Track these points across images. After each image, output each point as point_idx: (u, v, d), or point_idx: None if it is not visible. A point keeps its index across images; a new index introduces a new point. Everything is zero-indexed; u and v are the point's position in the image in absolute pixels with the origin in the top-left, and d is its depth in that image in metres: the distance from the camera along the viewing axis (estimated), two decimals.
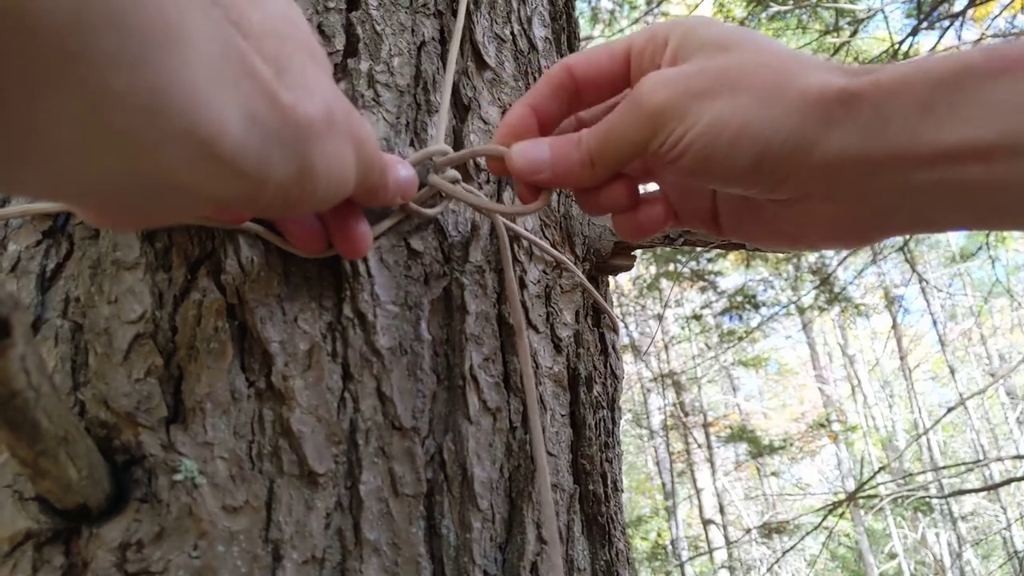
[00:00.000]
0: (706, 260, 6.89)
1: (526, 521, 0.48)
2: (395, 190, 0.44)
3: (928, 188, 0.35)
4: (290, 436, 0.42)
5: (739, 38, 0.39)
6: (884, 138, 0.34)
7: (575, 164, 0.42)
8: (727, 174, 0.38)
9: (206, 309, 0.44)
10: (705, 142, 0.37)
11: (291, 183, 0.33)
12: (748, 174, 0.37)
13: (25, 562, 0.37)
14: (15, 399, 0.30)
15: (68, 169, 0.26)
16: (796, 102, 0.35)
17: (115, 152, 0.26)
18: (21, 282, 0.44)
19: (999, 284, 5.38)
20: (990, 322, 13.72)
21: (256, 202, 0.33)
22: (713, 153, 0.37)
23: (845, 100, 0.35)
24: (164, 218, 0.36)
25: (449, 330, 0.50)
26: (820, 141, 0.35)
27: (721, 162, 0.37)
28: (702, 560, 10.23)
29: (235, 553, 0.39)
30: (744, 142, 0.36)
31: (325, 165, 0.34)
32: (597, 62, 0.43)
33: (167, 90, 0.25)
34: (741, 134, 0.36)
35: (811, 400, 15.16)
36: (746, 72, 0.37)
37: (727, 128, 0.36)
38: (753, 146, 0.36)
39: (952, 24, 3.83)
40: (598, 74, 0.43)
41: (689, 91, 0.37)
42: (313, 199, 0.35)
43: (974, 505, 12.04)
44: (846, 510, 6.38)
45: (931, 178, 0.34)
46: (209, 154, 0.28)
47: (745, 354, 10.94)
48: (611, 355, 0.64)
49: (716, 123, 0.36)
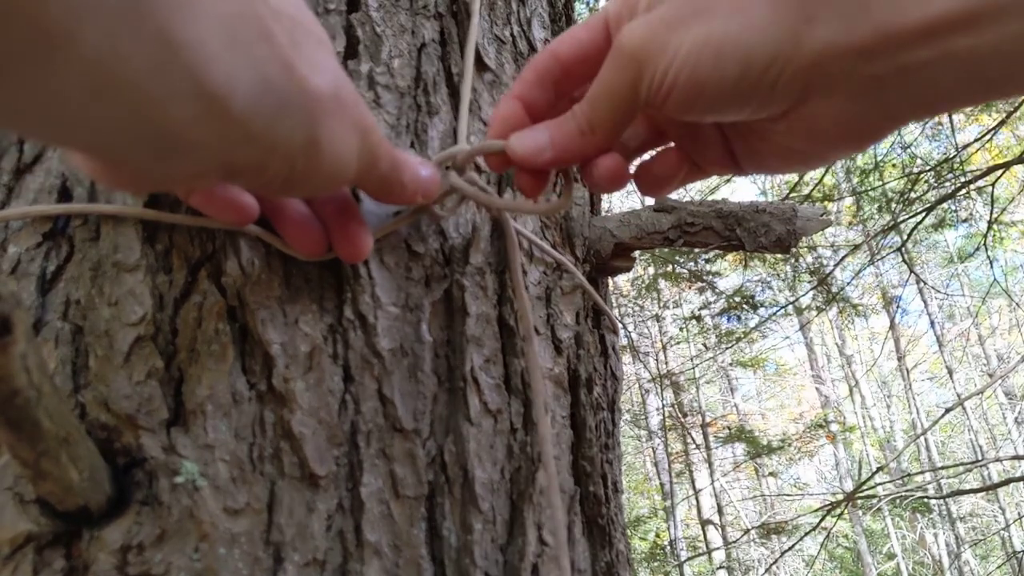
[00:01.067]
0: (704, 260, 6.89)
1: (527, 523, 0.48)
2: (413, 188, 0.44)
3: (920, 66, 0.34)
4: (291, 438, 0.42)
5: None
6: (868, 21, 0.33)
7: (574, 134, 0.42)
8: (719, 96, 0.37)
9: (207, 311, 0.44)
10: (690, 69, 0.36)
11: (298, 154, 0.33)
12: (740, 90, 0.37)
13: (26, 564, 0.37)
14: (16, 398, 0.30)
15: (79, 119, 0.27)
16: (769, 3, 0.35)
17: (124, 106, 0.26)
18: (21, 284, 0.44)
19: (997, 284, 5.39)
20: (988, 322, 13.74)
21: (263, 171, 0.33)
22: (700, 77, 0.36)
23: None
24: (174, 180, 0.36)
25: (450, 332, 0.50)
26: (803, 37, 0.34)
27: (711, 85, 0.36)
28: (700, 560, 10.24)
29: (236, 555, 0.39)
30: (727, 56, 0.36)
31: (330, 142, 0.35)
32: (578, 39, 0.43)
33: (175, 46, 0.26)
34: (722, 50, 0.36)
35: (809, 400, 15.18)
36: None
37: (707, 48, 0.36)
38: (736, 57, 0.35)
39: None
40: (580, 50, 0.43)
41: (664, 24, 0.37)
42: (316, 177, 0.36)
43: (972, 506, 12.05)
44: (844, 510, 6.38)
45: (921, 56, 0.34)
46: (218, 112, 0.28)
47: (743, 355, 10.94)
48: (611, 356, 0.64)
49: (695, 46, 0.36)
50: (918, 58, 0.34)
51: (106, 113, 0.27)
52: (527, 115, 0.45)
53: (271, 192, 0.40)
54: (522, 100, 0.44)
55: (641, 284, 7.56)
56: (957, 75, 0.34)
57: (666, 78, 0.37)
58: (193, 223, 0.44)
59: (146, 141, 0.29)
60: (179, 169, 0.32)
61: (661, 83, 0.37)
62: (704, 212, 0.82)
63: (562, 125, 0.42)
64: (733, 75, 0.36)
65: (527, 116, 0.45)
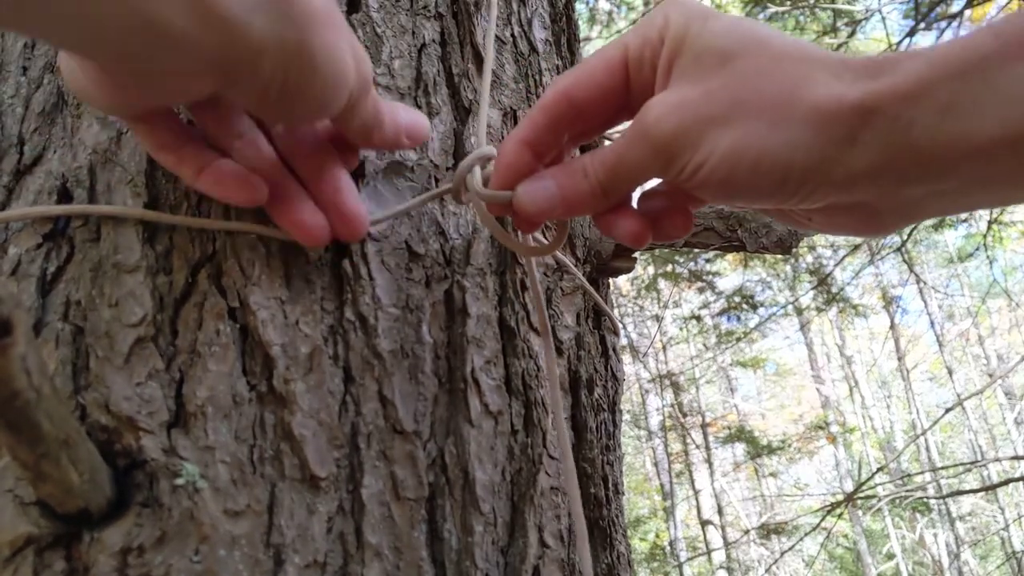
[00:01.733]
0: (704, 260, 6.89)
1: (528, 524, 0.48)
2: (393, 129, 0.44)
3: (956, 185, 0.34)
4: (292, 440, 0.42)
5: (738, 43, 0.37)
6: (908, 146, 0.33)
7: (586, 196, 0.41)
8: (750, 198, 0.37)
9: (207, 312, 0.43)
10: (725, 171, 0.36)
11: (291, 57, 0.34)
12: (771, 196, 0.37)
13: (26, 567, 0.37)
14: (16, 400, 0.29)
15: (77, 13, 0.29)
16: (810, 121, 0.34)
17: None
18: (22, 285, 0.43)
19: (997, 284, 5.39)
20: (988, 322, 13.74)
21: (256, 75, 0.35)
22: (734, 181, 0.36)
23: (862, 115, 0.33)
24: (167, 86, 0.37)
25: (450, 333, 0.50)
26: (842, 158, 0.34)
27: (743, 188, 0.36)
28: (700, 561, 10.23)
29: (237, 557, 0.39)
30: (764, 168, 0.35)
31: (324, 51, 0.36)
32: (595, 82, 0.41)
33: None
34: (760, 161, 0.35)
35: (809, 401, 15.18)
36: (752, 89, 0.35)
37: (745, 157, 0.35)
38: (774, 172, 0.35)
39: (950, 24, 3.84)
40: (598, 93, 0.41)
41: (698, 119, 0.36)
42: (311, 88, 0.36)
43: (972, 506, 12.05)
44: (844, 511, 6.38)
45: (959, 175, 0.33)
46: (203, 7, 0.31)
47: (743, 355, 10.95)
48: (612, 357, 0.64)
49: (733, 153, 0.35)
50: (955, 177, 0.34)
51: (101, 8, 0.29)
52: (534, 158, 0.43)
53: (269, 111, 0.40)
54: (530, 146, 0.42)
55: (641, 284, 7.56)
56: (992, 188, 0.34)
57: (697, 174, 0.37)
58: (193, 224, 0.44)
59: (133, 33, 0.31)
60: (172, 65, 0.33)
61: (691, 176, 0.37)
62: (705, 213, 0.82)
63: (574, 183, 0.41)
64: (768, 185, 0.36)
65: (534, 159, 0.43)
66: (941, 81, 0.32)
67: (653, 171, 0.39)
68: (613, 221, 0.42)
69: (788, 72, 0.35)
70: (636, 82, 0.40)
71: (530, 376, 0.53)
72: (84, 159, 0.46)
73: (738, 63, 0.36)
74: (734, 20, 0.38)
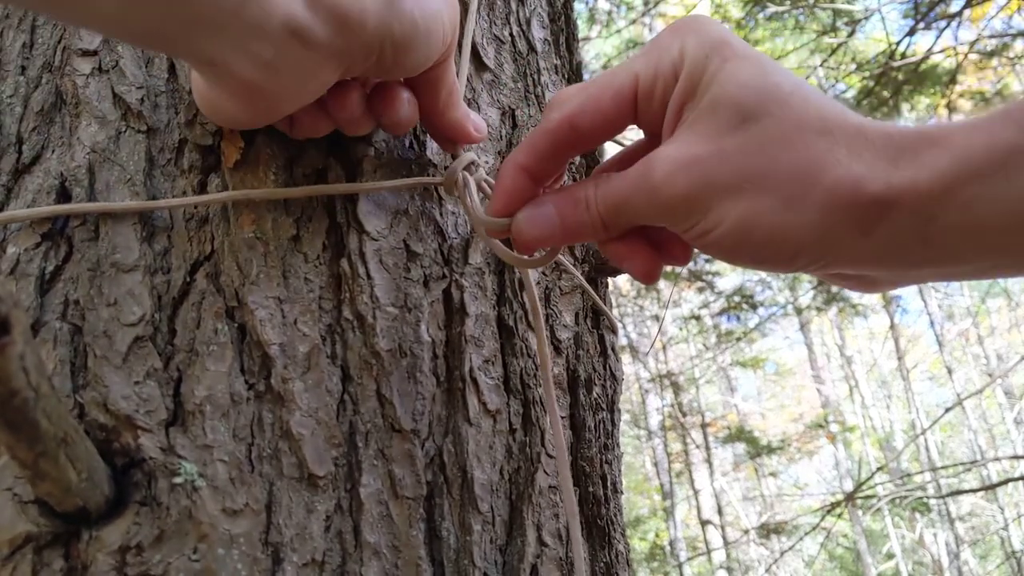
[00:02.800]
0: (704, 260, 6.89)
1: (526, 523, 0.48)
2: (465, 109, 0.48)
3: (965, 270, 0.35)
4: (290, 439, 0.42)
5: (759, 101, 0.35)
6: (922, 240, 0.33)
7: (586, 228, 0.40)
8: (757, 265, 0.38)
9: (205, 311, 0.43)
10: (733, 241, 0.35)
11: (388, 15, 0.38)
12: (777, 267, 0.37)
13: (25, 565, 0.37)
14: (14, 399, 0.29)
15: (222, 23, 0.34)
16: (826, 206, 0.33)
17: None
18: (20, 284, 0.43)
19: (996, 284, 5.39)
20: (987, 322, 13.74)
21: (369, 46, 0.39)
22: (742, 251, 0.36)
23: (880, 208, 0.33)
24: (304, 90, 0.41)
25: (449, 332, 0.50)
26: (853, 245, 0.34)
27: (750, 258, 0.37)
28: (700, 561, 10.24)
29: (235, 556, 0.39)
30: (774, 245, 0.35)
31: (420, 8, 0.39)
32: (601, 111, 0.39)
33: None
34: (771, 238, 0.35)
35: (809, 400, 15.18)
36: (769, 160, 0.34)
37: (756, 231, 0.35)
38: (784, 250, 0.35)
39: (949, 24, 3.84)
40: (603, 123, 0.40)
41: (709, 184, 0.35)
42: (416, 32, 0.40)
43: (972, 505, 12.06)
44: (844, 510, 6.39)
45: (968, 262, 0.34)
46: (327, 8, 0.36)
47: (743, 355, 10.95)
48: (610, 357, 0.64)
49: (743, 225, 0.35)
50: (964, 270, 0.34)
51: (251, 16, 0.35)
52: (534, 184, 0.42)
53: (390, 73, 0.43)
54: (530, 172, 0.41)
55: (641, 284, 7.55)
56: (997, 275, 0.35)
57: (705, 237, 0.36)
58: (190, 202, 0.45)
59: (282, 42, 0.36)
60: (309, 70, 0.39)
61: (698, 237, 0.37)
62: None
63: (575, 213, 0.40)
64: (776, 259, 0.36)
65: (533, 185, 0.42)
66: (965, 181, 0.31)
67: (657, 221, 0.38)
68: (624, 255, 0.42)
69: (808, 146, 0.34)
70: (644, 113, 0.39)
71: (528, 375, 0.53)
72: (83, 158, 0.46)
73: (756, 127, 0.35)
74: (756, 68, 0.36)
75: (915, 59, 4.14)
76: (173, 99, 0.49)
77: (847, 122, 0.34)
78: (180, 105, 0.49)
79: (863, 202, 0.33)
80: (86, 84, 0.48)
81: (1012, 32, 4.51)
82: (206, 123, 0.47)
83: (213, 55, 0.37)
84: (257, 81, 0.38)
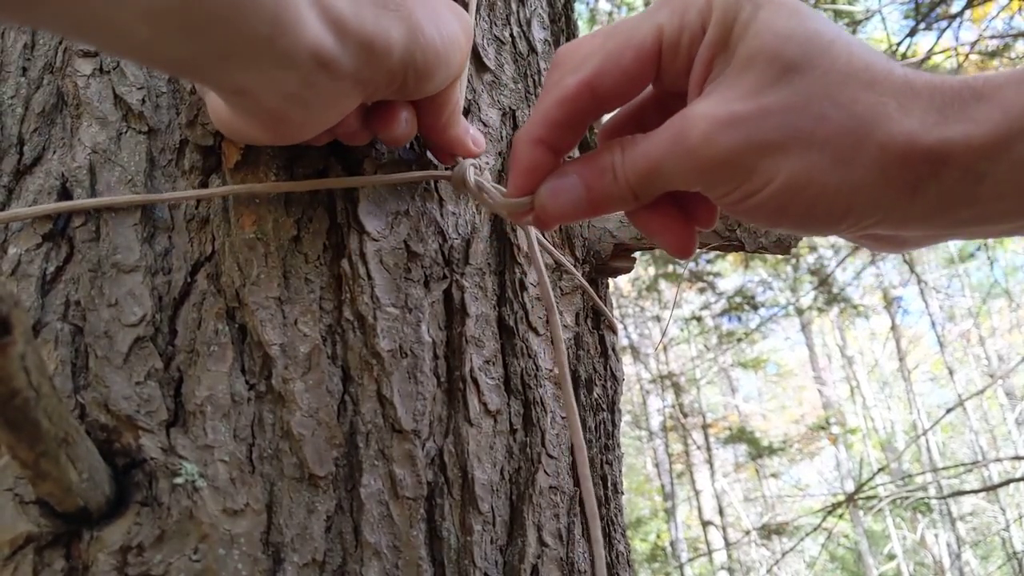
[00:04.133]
0: (705, 261, 6.89)
1: (527, 524, 0.48)
2: (465, 125, 0.48)
3: (1008, 228, 0.33)
4: (290, 439, 0.42)
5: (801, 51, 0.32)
6: (972, 198, 0.32)
7: (614, 198, 0.37)
8: (798, 228, 0.35)
9: (206, 312, 0.44)
10: (778, 204, 0.33)
11: (412, 44, 0.38)
12: (822, 229, 0.35)
13: (26, 565, 0.37)
14: (15, 399, 0.30)
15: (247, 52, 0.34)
16: (878, 164, 0.31)
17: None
18: (21, 285, 0.44)
19: (997, 285, 5.39)
20: (989, 323, 13.73)
21: (392, 74, 0.39)
22: (787, 213, 0.34)
23: (933, 163, 0.31)
24: (325, 116, 0.40)
25: (449, 332, 0.50)
26: (902, 204, 0.32)
27: (794, 219, 0.34)
28: (702, 561, 10.23)
29: (236, 556, 0.39)
30: (822, 206, 0.33)
31: (431, 21, 0.39)
32: (622, 70, 0.36)
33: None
34: (820, 198, 0.33)
35: (810, 401, 15.16)
36: (816, 116, 0.32)
37: (804, 192, 0.32)
38: (833, 210, 0.33)
39: (950, 25, 3.84)
40: (625, 82, 0.37)
41: (753, 144, 0.32)
42: (437, 60, 0.40)
43: (973, 506, 12.04)
44: (845, 511, 6.39)
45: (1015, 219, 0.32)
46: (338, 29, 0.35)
47: (744, 355, 10.95)
48: (611, 357, 0.64)
49: (791, 186, 0.32)
50: (1007, 228, 0.33)
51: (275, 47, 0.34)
52: (553, 156, 0.39)
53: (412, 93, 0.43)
54: (548, 144, 0.38)
55: (642, 285, 7.56)
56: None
57: (746, 201, 0.34)
58: (192, 196, 0.45)
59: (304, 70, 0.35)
60: (318, 96, 0.38)
61: (739, 202, 0.34)
62: None
63: (602, 184, 0.37)
64: (822, 220, 0.34)
65: (552, 157, 0.39)
66: (1017, 137, 0.30)
67: (694, 188, 0.35)
68: (656, 229, 0.40)
69: (856, 100, 0.32)
70: (668, 69, 0.36)
71: (529, 375, 0.53)
72: (84, 159, 0.47)
73: (800, 81, 0.32)
74: (793, 15, 0.33)
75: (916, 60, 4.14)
76: (174, 100, 0.49)
77: (893, 73, 0.32)
78: (181, 106, 0.49)
79: (916, 157, 0.31)
80: (87, 85, 0.49)
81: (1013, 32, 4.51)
82: (207, 124, 0.47)
83: (243, 85, 0.36)
84: (283, 110, 0.38)
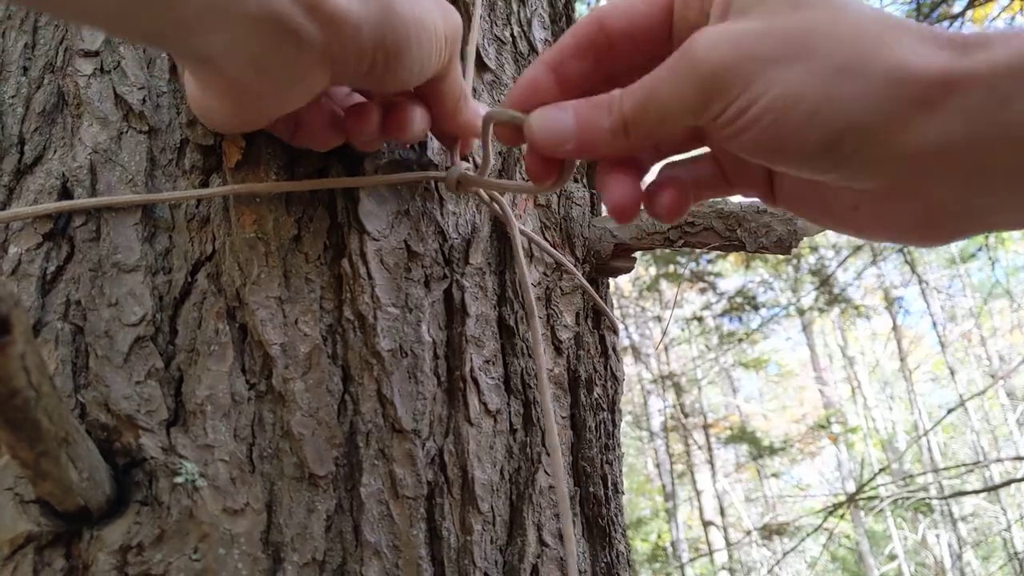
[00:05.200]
0: (706, 261, 6.89)
1: (527, 523, 0.48)
2: (475, 111, 0.47)
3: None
4: (291, 438, 0.42)
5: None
6: (1000, 122, 0.29)
7: (605, 133, 0.36)
8: (798, 155, 0.32)
9: (206, 311, 0.44)
10: (775, 116, 0.31)
11: (383, 23, 0.37)
12: (823, 157, 0.32)
13: (26, 565, 0.37)
14: (15, 398, 0.30)
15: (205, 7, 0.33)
16: (885, 78, 0.29)
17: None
18: (22, 285, 0.44)
19: (999, 285, 5.39)
20: (990, 323, 13.71)
21: (362, 52, 0.37)
22: (784, 130, 0.31)
23: (951, 83, 0.29)
24: (292, 91, 0.39)
25: (449, 332, 0.50)
26: (915, 124, 0.29)
27: (792, 141, 0.32)
28: (702, 562, 10.22)
29: (236, 556, 0.39)
30: (819, 121, 0.30)
31: (406, 3, 0.38)
32: (633, 9, 0.36)
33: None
34: (817, 111, 0.30)
35: (811, 401, 15.15)
36: (822, 35, 0.31)
37: (800, 103, 0.30)
38: (830, 127, 0.30)
39: (951, 25, 3.84)
40: (634, 26, 0.36)
41: (755, 54, 0.31)
42: (408, 41, 0.39)
43: (974, 506, 12.03)
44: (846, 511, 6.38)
45: None
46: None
47: (745, 356, 10.94)
48: (611, 357, 0.64)
49: (789, 95, 0.30)
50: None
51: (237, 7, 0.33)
52: (557, 87, 0.39)
53: (375, 84, 0.42)
54: (555, 70, 0.39)
55: (642, 285, 7.56)
56: None
57: (742, 116, 0.32)
58: (193, 195, 0.45)
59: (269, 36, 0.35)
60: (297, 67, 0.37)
61: (735, 118, 0.32)
62: (705, 212, 0.82)
63: (592, 117, 0.36)
64: (819, 143, 0.31)
65: (557, 88, 0.39)
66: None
67: (690, 108, 0.33)
68: (655, 198, 0.39)
69: (868, 27, 0.30)
70: (680, 20, 0.36)
71: (529, 375, 0.53)
72: (84, 159, 0.47)
73: (810, 12, 0.31)
74: None
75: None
76: (175, 99, 0.49)
77: (908, 21, 0.31)
78: (181, 105, 0.49)
79: (932, 76, 0.29)
80: (88, 84, 0.49)
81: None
82: None
83: (205, 52, 0.36)
84: (245, 79, 0.38)
